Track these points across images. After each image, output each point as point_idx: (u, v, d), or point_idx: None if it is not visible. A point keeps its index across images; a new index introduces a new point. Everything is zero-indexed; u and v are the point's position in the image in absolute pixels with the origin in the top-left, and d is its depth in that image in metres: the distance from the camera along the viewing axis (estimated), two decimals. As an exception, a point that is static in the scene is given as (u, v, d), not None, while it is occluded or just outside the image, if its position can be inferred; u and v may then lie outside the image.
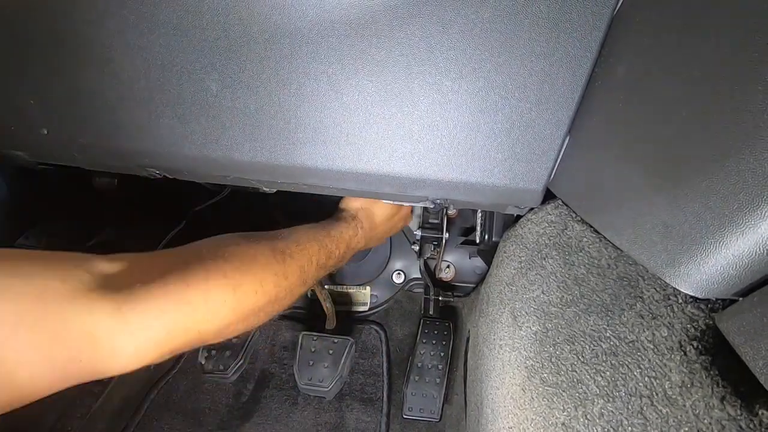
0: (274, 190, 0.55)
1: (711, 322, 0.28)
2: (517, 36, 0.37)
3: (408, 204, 0.63)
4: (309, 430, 0.78)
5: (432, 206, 0.51)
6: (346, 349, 0.74)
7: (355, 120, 0.42)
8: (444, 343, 0.80)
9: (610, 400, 0.29)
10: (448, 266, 0.97)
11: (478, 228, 0.80)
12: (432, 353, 0.79)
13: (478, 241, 0.81)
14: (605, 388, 0.30)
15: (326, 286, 0.94)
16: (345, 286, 0.97)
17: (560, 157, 0.43)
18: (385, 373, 0.86)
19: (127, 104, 0.44)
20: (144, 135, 0.45)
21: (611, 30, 0.36)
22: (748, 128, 0.25)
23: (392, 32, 0.38)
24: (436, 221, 0.87)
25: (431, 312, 0.86)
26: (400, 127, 0.42)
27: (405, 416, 0.74)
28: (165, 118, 0.44)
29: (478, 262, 0.95)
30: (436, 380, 0.76)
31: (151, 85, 0.42)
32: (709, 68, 0.28)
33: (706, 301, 0.29)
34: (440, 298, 0.88)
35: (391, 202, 0.61)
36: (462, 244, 0.94)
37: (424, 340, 0.80)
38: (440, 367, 0.77)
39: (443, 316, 0.89)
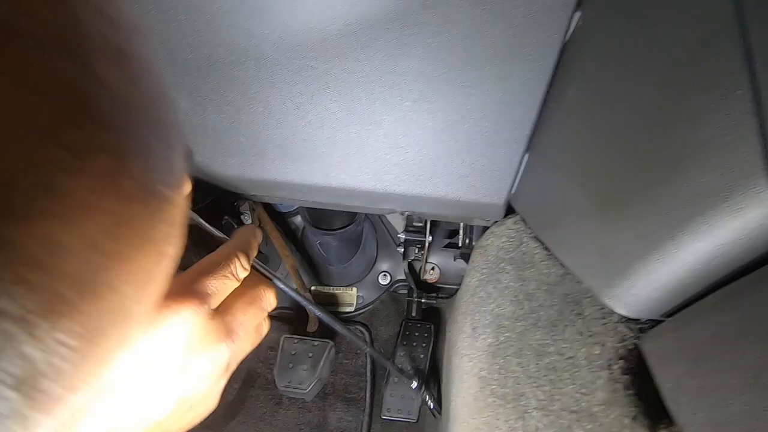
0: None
1: (637, 342, 0.29)
2: (474, 59, 0.39)
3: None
4: (292, 429, 0.80)
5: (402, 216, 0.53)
6: (326, 352, 0.76)
7: (321, 138, 0.43)
8: (424, 345, 0.82)
9: (546, 414, 0.31)
10: (433, 268, 0.99)
11: (461, 231, 0.81)
12: (412, 355, 0.81)
13: (460, 244, 0.83)
14: (543, 402, 0.32)
15: (312, 288, 0.96)
16: (332, 287, 0.99)
17: (519, 173, 0.44)
18: (368, 374, 0.88)
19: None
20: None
21: (563, 55, 0.38)
22: (671, 161, 0.26)
23: (354, 55, 0.39)
24: (420, 224, 0.88)
25: (413, 314, 0.87)
26: (365, 144, 0.44)
27: (383, 417, 0.76)
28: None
29: (463, 264, 0.96)
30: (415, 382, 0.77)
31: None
32: (641, 99, 0.29)
33: (637, 321, 0.31)
34: (423, 301, 0.90)
35: None
36: (445, 246, 0.95)
37: (404, 342, 0.82)
38: (419, 368, 0.79)
39: (427, 317, 0.90)
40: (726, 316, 0.21)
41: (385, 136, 0.43)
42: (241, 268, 0.26)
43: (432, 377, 0.82)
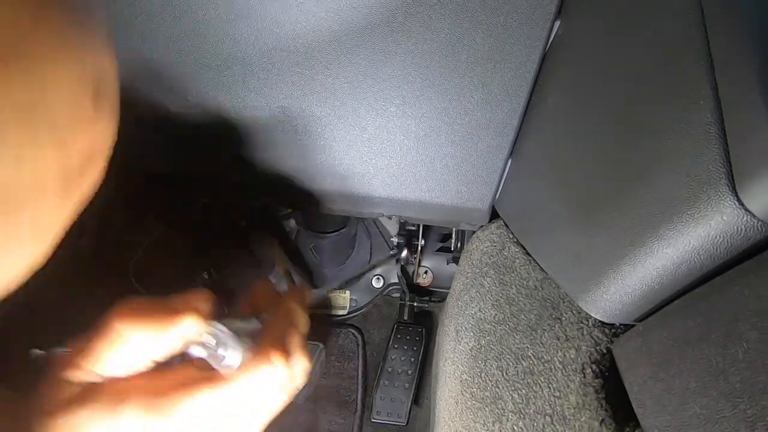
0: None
1: (610, 347, 0.30)
2: (456, 66, 0.39)
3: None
4: (283, 430, 0.80)
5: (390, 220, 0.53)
6: (316, 355, 0.76)
7: (307, 142, 0.44)
8: (415, 348, 0.82)
9: (522, 417, 0.32)
10: (426, 271, 0.99)
11: (454, 235, 0.82)
12: (403, 358, 0.81)
13: (452, 248, 0.83)
14: (519, 405, 0.32)
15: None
16: (325, 290, 0.99)
17: (503, 179, 0.44)
18: (360, 377, 0.88)
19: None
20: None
21: (544, 63, 0.38)
22: (640, 169, 0.27)
23: (338, 61, 0.40)
24: (413, 228, 0.89)
25: (405, 317, 0.88)
26: (351, 148, 0.44)
27: (373, 420, 0.76)
28: (127, 132, 0.46)
29: (455, 268, 0.97)
30: (405, 385, 0.78)
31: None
32: (613, 108, 0.30)
33: (611, 326, 0.31)
34: (415, 304, 0.90)
35: None
36: (438, 250, 0.96)
37: (395, 345, 0.82)
38: (410, 372, 0.79)
39: (419, 321, 0.91)
40: (688, 321, 0.22)
41: (370, 141, 0.44)
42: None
43: (424, 380, 0.82)
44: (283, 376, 0.26)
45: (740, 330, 0.18)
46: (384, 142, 0.44)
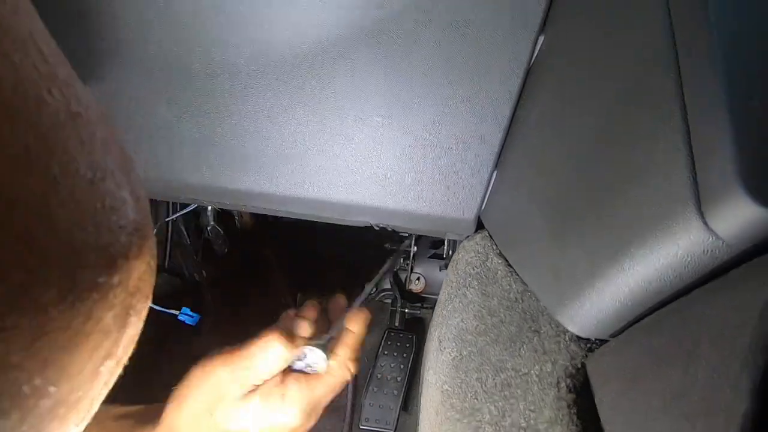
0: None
1: (585, 362, 0.30)
2: (441, 79, 0.39)
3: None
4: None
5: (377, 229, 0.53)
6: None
7: (294, 151, 0.44)
8: (405, 355, 0.82)
9: (497, 429, 0.32)
10: (418, 278, 0.99)
11: (446, 243, 0.82)
12: (392, 365, 0.81)
13: (444, 255, 0.83)
14: (496, 417, 0.32)
15: (298, 294, 0.97)
16: (317, 294, 0.99)
17: (489, 190, 0.45)
18: (350, 382, 0.88)
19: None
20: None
21: (528, 77, 0.39)
22: (614, 186, 0.27)
23: (324, 71, 0.40)
24: (405, 234, 0.89)
25: (396, 323, 0.88)
26: (337, 157, 0.44)
27: (361, 426, 0.76)
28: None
29: (447, 276, 0.97)
30: (394, 392, 0.78)
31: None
32: (591, 125, 0.30)
33: (587, 340, 0.31)
34: (407, 310, 0.90)
35: None
36: (430, 257, 0.96)
37: (385, 352, 0.82)
38: (399, 379, 0.79)
39: (410, 327, 0.91)
40: (655, 340, 0.22)
41: (356, 150, 0.44)
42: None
43: (413, 387, 0.82)
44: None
45: (701, 350, 0.19)
46: (370, 152, 0.44)
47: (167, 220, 0.97)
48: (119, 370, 0.12)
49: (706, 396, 0.18)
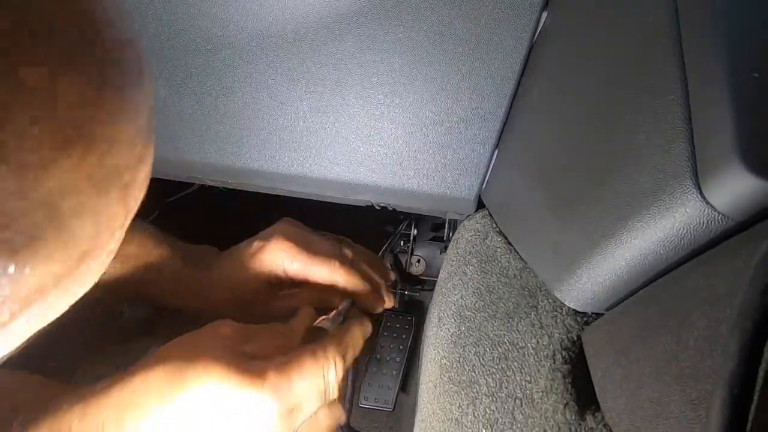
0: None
1: (581, 334, 0.30)
2: (443, 56, 0.39)
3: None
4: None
5: (378, 208, 0.54)
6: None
7: (296, 128, 0.44)
8: (404, 336, 0.83)
9: (494, 400, 0.32)
10: (418, 260, 1.00)
11: (446, 225, 0.83)
12: (392, 346, 0.82)
13: (444, 238, 0.84)
14: (492, 389, 0.33)
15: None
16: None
17: (490, 169, 0.45)
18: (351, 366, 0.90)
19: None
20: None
21: (531, 54, 0.38)
22: (612, 162, 0.27)
23: (326, 47, 0.40)
24: (407, 213, 0.89)
25: (395, 305, 0.89)
26: (339, 135, 0.45)
27: (360, 405, 0.77)
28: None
29: (447, 258, 0.97)
30: (393, 372, 0.79)
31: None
32: (591, 101, 0.30)
33: (584, 314, 0.32)
34: (406, 293, 0.91)
35: None
36: (431, 240, 0.96)
37: (385, 333, 0.83)
38: (398, 359, 0.80)
39: (409, 309, 0.92)
40: (649, 310, 0.23)
41: (357, 129, 0.44)
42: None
43: (412, 368, 0.83)
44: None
45: (693, 318, 0.19)
46: (371, 130, 0.44)
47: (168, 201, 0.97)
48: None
49: (695, 361, 0.18)
